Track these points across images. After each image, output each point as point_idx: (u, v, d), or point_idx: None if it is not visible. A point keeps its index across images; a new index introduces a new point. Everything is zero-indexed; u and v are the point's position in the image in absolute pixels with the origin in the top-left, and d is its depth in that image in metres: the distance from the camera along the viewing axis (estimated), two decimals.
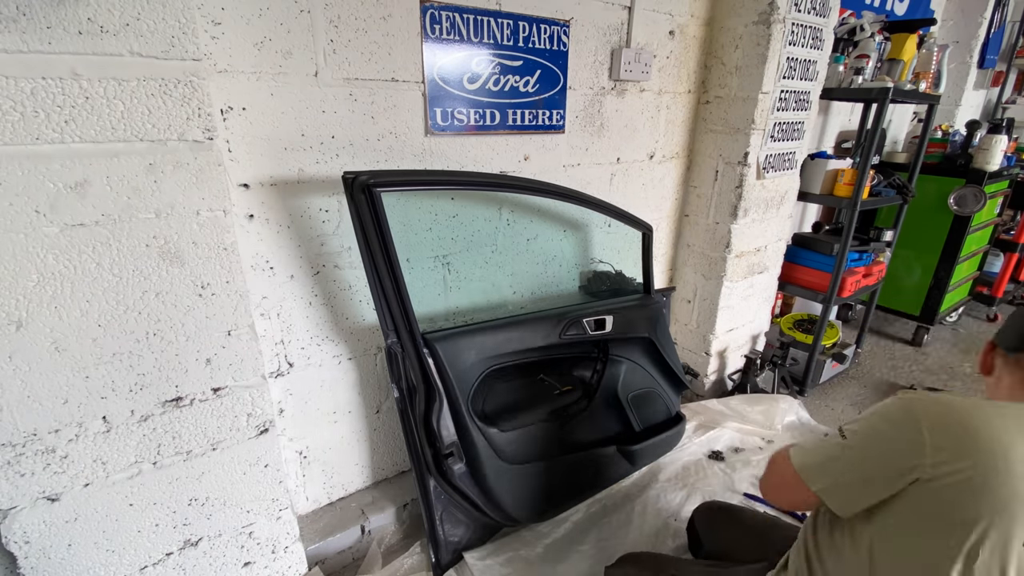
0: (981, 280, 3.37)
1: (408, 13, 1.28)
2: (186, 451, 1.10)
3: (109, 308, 0.94)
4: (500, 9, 1.42)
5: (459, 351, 1.37)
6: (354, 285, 1.44)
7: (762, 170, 2.02)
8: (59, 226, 0.86)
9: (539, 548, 1.54)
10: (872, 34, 2.19)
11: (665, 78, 1.91)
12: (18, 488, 0.94)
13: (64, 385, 0.93)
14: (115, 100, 0.86)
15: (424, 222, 1.49)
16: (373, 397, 1.59)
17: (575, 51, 1.62)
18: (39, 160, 0.83)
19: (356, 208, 1.14)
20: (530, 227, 1.73)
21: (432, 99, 1.38)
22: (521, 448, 1.53)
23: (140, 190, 0.92)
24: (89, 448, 0.99)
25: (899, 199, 2.49)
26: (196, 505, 1.15)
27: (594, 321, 1.61)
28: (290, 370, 1.40)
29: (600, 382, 1.69)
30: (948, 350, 3.05)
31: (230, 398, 1.12)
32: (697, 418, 2.14)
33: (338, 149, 1.29)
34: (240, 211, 1.20)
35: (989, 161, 2.62)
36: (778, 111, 1.98)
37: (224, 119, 1.12)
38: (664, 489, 1.77)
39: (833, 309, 2.50)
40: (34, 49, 0.79)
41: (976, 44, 3.32)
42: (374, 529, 1.57)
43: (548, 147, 1.68)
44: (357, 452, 1.62)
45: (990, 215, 3.05)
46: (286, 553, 1.35)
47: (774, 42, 1.82)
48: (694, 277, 2.29)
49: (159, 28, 0.86)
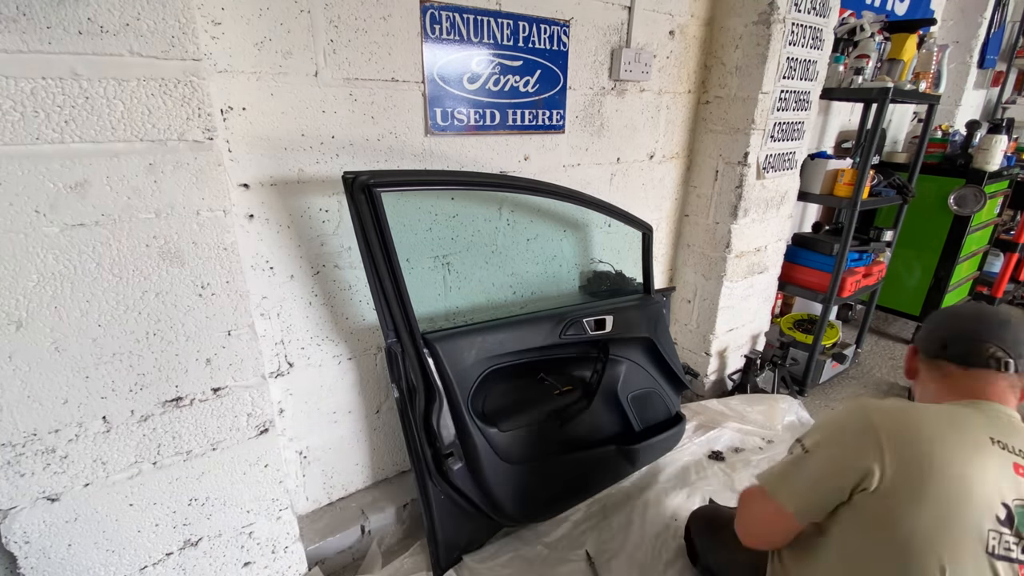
0: (981, 280, 3.37)
1: (408, 13, 1.28)
2: (186, 451, 1.10)
3: (109, 308, 0.94)
4: (500, 9, 1.42)
5: (459, 351, 1.37)
6: (354, 285, 1.44)
7: (762, 170, 2.02)
8: (59, 226, 0.86)
9: (539, 548, 1.54)
10: (872, 34, 2.19)
11: (665, 78, 1.91)
12: (18, 488, 0.94)
13: (64, 385, 0.93)
14: (115, 100, 0.86)
15: (424, 222, 1.49)
16: (373, 397, 1.59)
17: (575, 51, 1.62)
18: (39, 160, 0.83)
19: (356, 208, 1.14)
20: (530, 227, 1.73)
21: (432, 99, 1.38)
22: (521, 448, 1.53)
23: (140, 190, 0.92)
24: (89, 448, 0.99)
25: (899, 199, 2.49)
26: (196, 505, 1.15)
27: (594, 321, 1.61)
28: (290, 370, 1.40)
29: (600, 382, 1.69)
30: None
31: (230, 398, 1.12)
32: (697, 418, 2.14)
33: (338, 149, 1.29)
34: (240, 211, 1.20)
35: (989, 161, 2.62)
36: (778, 111, 1.98)
37: (224, 119, 1.12)
38: (664, 489, 1.77)
39: (833, 309, 2.50)
40: (34, 49, 0.79)
41: (976, 44, 3.32)
42: (374, 529, 1.57)
43: (548, 147, 1.68)
44: (357, 452, 1.62)
45: (990, 215, 3.05)
46: (286, 553, 1.35)
47: (774, 42, 1.82)
48: (694, 277, 2.29)
49: (159, 28, 0.86)
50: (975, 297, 3.41)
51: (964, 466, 0.81)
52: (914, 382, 1.06)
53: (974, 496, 0.81)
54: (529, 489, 1.53)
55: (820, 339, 2.38)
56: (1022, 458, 0.86)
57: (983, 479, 0.81)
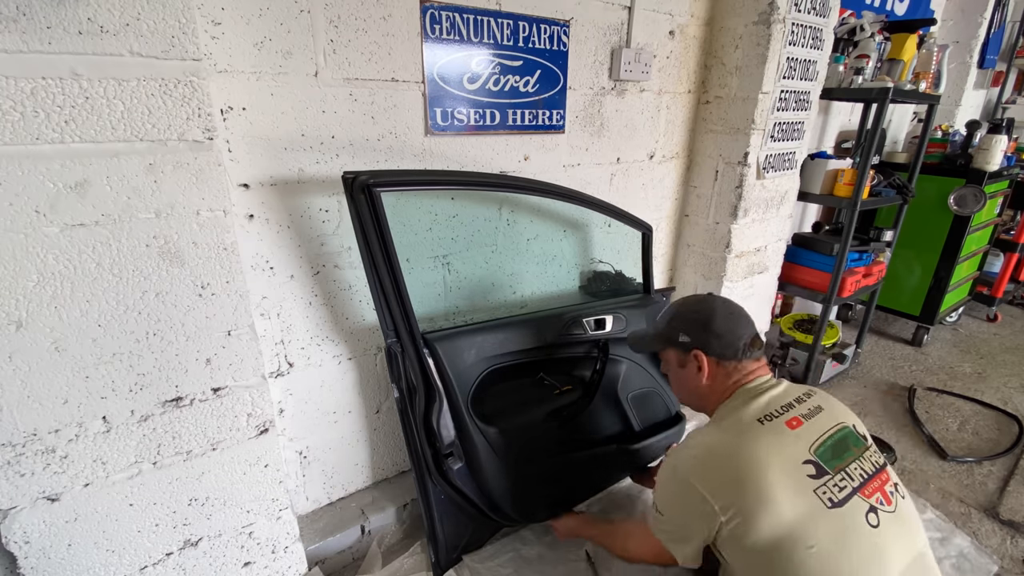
0: (981, 280, 3.37)
1: (408, 13, 1.28)
2: (186, 451, 1.10)
3: (109, 308, 0.94)
4: (500, 9, 1.42)
5: (459, 351, 1.37)
6: (354, 285, 1.44)
7: (762, 170, 2.02)
8: (59, 226, 0.86)
9: (539, 548, 1.54)
10: (872, 34, 2.19)
11: (665, 78, 1.91)
12: (18, 488, 0.94)
13: (64, 385, 0.93)
14: (115, 100, 0.86)
15: (424, 222, 1.49)
16: (373, 397, 1.59)
17: (575, 51, 1.62)
18: (39, 160, 0.83)
19: (356, 208, 1.14)
20: (530, 227, 1.73)
21: (432, 99, 1.38)
22: (521, 448, 1.53)
23: (140, 190, 0.92)
24: (89, 448, 0.99)
25: (899, 199, 2.49)
26: (196, 505, 1.15)
27: (594, 321, 1.61)
28: (290, 370, 1.40)
29: (600, 382, 1.69)
30: (948, 350, 3.05)
31: (230, 398, 1.12)
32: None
33: (338, 149, 1.29)
34: (240, 211, 1.20)
35: (989, 161, 2.62)
36: (778, 111, 1.98)
37: (224, 119, 1.12)
38: None
39: (833, 309, 2.50)
40: (34, 49, 0.79)
41: (976, 44, 3.32)
42: (374, 529, 1.57)
43: (548, 147, 1.68)
44: (357, 452, 1.62)
45: (990, 215, 3.05)
46: (286, 553, 1.35)
47: (774, 42, 1.82)
48: (694, 277, 2.29)
49: (159, 28, 0.86)
50: (976, 297, 3.41)
51: (766, 468, 0.95)
52: (700, 387, 1.19)
53: (785, 481, 0.94)
54: (529, 489, 1.52)
55: (820, 339, 2.38)
56: (787, 413, 1.04)
57: (781, 464, 0.96)
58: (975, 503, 1.86)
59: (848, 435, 1.05)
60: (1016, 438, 2.21)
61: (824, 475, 0.96)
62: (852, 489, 0.96)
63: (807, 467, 0.96)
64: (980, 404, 2.48)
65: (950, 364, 2.88)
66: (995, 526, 1.76)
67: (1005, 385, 2.66)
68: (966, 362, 2.90)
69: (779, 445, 0.99)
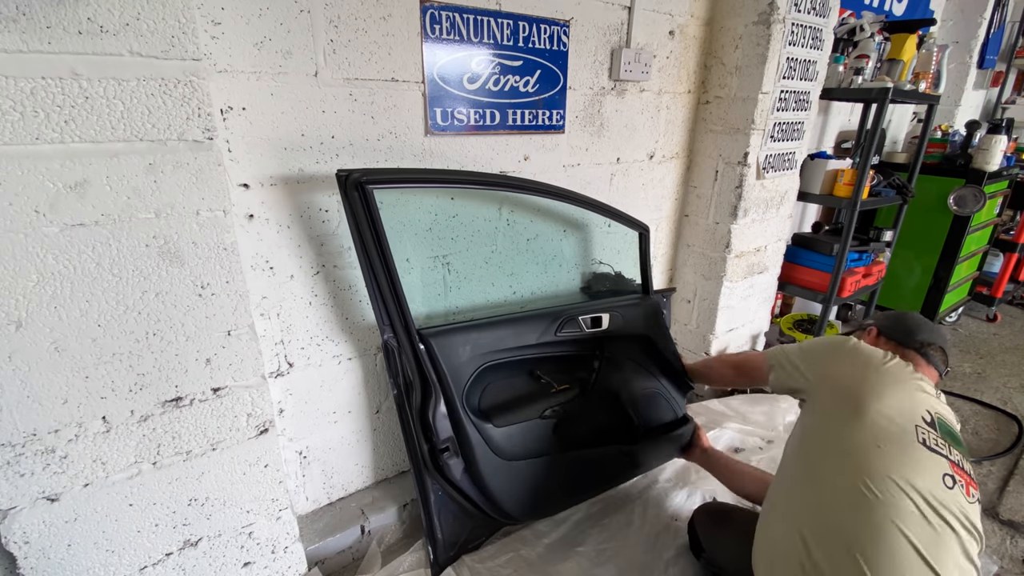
0: (981, 280, 3.37)
1: (408, 13, 1.28)
2: (186, 451, 1.10)
3: (109, 308, 0.94)
4: (500, 9, 1.42)
5: (454, 346, 1.37)
6: (354, 285, 1.44)
7: (762, 170, 2.02)
8: (59, 226, 0.86)
9: (539, 548, 1.54)
10: (872, 34, 2.19)
11: (665, 78, 1.92)
12: (18, 488, 0.93)
13: (64, 385, 0.93)
14: (115, 100, 0.86)
15: (424, 222, 1.48)
16: (373, 397, 1.59)
17: (575, 51, 1.62)
18: (39, 160, 0.83)
19: (349, 204, 1.16)
20: (530, 227, 1.73)
21: (432, 99, 1.38)
22: (516, 444, 1.53)
23: (140, 190, 0.91)
24: (89, 448, 0.98)
25: (899, 199, 2.49)
26: (196, 505, 1.15)
27: (590, 319, 1.61)
28: (290, 370, 1.40)
29: (596, 380, 1.69)
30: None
31: (230, 398, 1.12)
32: (698, 418, 2.12)
33: (338, 149, 1.29)
34: (240, 211, 1.20)
35: (989, 161, 2.62)
36: (778, 111, 1.98)
37: (224, 119, 1.12)
38: (665, 489, 1.77)
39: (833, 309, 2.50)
40: (34, 49, 0.79)
41: (976, 44, 3.33)
42: (374, 529, 1.57)
43: (548, 147, 1.68)
44: (357, 452, 1.62)
45: (990, 215, 3.05)
46: (286, 553, 1.35)
47: (774, 42, 1.82)
48: (694, 277, 2.29)
49: (159, 28, 0.86)
50: (975, 297, 3.42)
51: (890, 390, 1.10)
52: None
53: (900, 406, 1.07)
54: (526, 486, 1.52)
55: None
56: (933, 398, 1.15)
57: (903, 398, 1.09)
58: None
59: (958, 438, 1.13)
60: (1016, 438, 2.21)
61: (932, 428, 1.05)
62: (944, 456, 1.02)
63: (924, 414, 1.07)
64: (980, 404, 2.48)
65: (949, 364, 2.88)
66: (995, 526, 1.76)
67: (1005, 385, 2.66)
68: (966, 362, 2.90)
69: (912, 391, 1.12)
